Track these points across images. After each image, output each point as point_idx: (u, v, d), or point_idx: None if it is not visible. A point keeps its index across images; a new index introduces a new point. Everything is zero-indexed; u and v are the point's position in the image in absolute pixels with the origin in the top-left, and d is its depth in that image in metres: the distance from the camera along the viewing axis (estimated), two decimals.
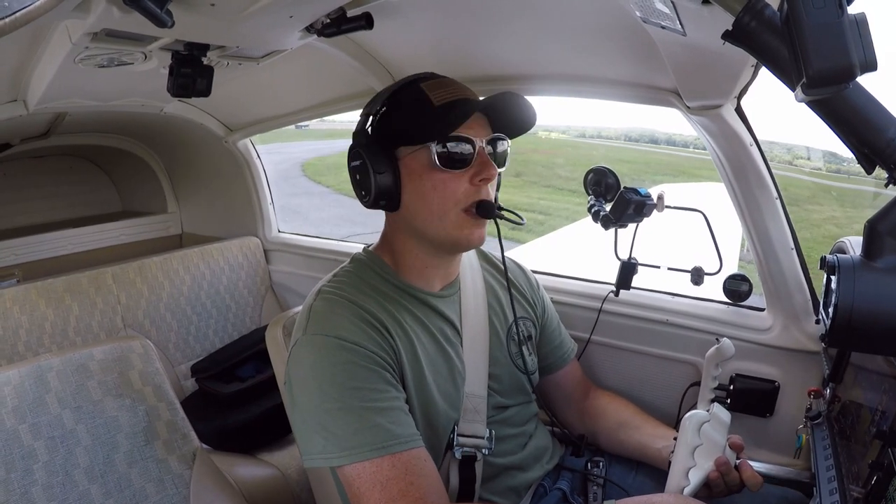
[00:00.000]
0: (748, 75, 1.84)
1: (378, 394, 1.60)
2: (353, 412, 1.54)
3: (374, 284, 1.84)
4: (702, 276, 2.33)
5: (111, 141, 4.40)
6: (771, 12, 1.08)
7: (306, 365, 1.64)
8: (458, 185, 1.73)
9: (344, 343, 1.63)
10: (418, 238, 1.85)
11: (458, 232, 1.77)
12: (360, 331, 1.67)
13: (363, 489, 1.50)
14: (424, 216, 1.78)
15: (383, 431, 1.54)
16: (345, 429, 1.53)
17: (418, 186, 1.76)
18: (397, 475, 1.49)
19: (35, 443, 1.79)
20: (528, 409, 2.08)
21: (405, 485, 1.48)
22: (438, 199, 1.75)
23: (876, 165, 1.16)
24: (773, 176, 2.13)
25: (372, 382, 1.61)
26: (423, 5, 2.18)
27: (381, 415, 1.57)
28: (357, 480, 1.51)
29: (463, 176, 1.74)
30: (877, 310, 1.32)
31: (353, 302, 1.74)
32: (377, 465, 1.50)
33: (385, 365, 1.67)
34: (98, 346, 2.03)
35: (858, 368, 1.70)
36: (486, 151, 1.75)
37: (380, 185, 1.74)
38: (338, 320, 1.68)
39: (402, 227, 1.86)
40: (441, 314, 1.91)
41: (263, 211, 4.27)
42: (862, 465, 1.37)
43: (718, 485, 1.66)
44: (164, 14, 1.49)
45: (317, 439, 1.56)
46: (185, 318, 3.73)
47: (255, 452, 3.21)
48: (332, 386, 1.58)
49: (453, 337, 1.91)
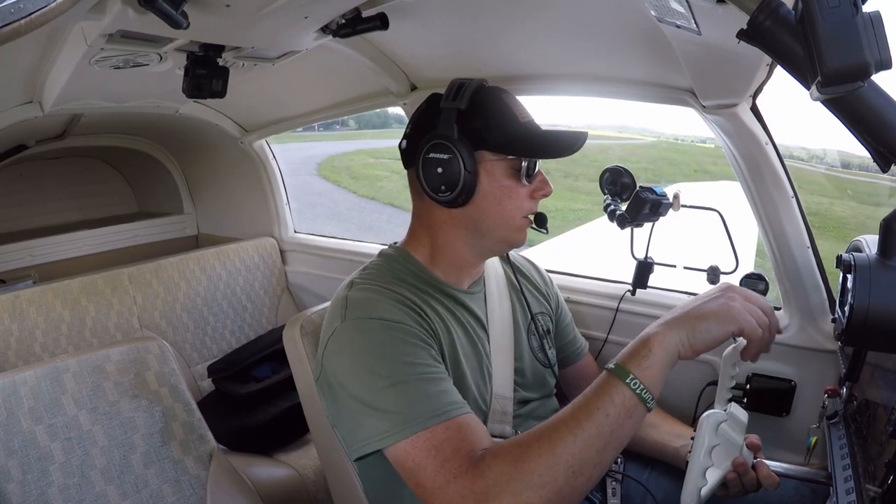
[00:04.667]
0: (763, 74, 1.83)
1: (427, 367, 1.60)
2: (406, 385, 1.54)
3: (405, 277, 1.86)
4: (718, 275, 2.32)
5: (127, 142, 4.43)
6: (786, 11, 1.08)
7: (351, 349, 1.64)
8: (524, 195, 1.82)
9: (389, 322, 1.64)
10: (477, 235, 1.88)
11: (516, 235, 1.85)
12: (401, 312, 1.69)
13: (419, 459, 1.46)
14: (494, 217, 1.83)
15: (437, 399, 1.54)
16: (400, 403, 1.52)
17: (495, 190, 1.81)
18: (450, 436, 1.47)
19: (51, 444, 1.80)
20: (549, 404, 2.09)
21: (458, 442, 1.46)
22: (512, 205, 1.82)
23: (892, 164, 1.15)
24: (789, 174, 2.12)
25: (421, 357, 1.61)
26: (438, 5, 2.18)
27: (433, 384, 1.57)
28: (413, 451, 1.48)
29: (528, 188, 1.82)
30: (893, 308, 1.31)
31: (390, 289, 1.76)
32: (431, 432, 1.47)
33: (430, 343, 1.69)
34: (114, 347, 2.04)
35: (875, 367, 1.69)
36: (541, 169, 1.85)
37: (466, 183, 1.77)
38: (379, 304, 1.70)
39: (460, 222, 1.88)
40: (470, 310, 1.93)
41: (279, 211, 4.28)
42: (878, 465, 1.36)
43: (735, 484, 1.66)
44: (179, 15, 1.50)
45: (370, 423, 1.54)
46: (202, 318, 3.75)
47: (271, 453, 3.22)
48: (381, 364, 1.57)
49: (481, 332, 1.93)
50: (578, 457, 1.33)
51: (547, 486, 1.31)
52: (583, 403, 1.38)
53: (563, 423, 1.37)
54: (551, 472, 1.31)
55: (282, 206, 4.28)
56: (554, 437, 1.35)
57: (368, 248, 3.74)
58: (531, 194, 1.82)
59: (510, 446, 1.41)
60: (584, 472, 1.33)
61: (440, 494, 1.40)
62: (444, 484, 1.40)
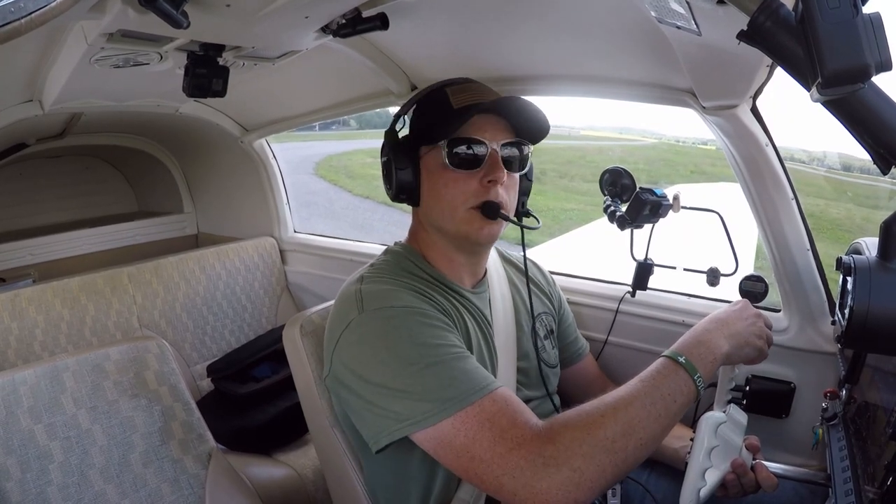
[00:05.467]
0: (763, 75, 1.83)
1: (457, 347, 1.62)
2: (442, 365, 1.55)
3: (414, 272, 1.88)
4: (718, 276, 2.32)
5: (127, 141, 4.43)
6: (786, 12, 1.08)
7: (374, 338, 1.63)
8: (468, 185, 1.79)
9: (412, 308, 1.66)
10: (439, 232, 1.89)
11: (466, 227, 1.82)
12: (421, 300, 1.71)
13: (472, 432, 1.47)
14: (438, 211, 1.85)
15: (476, 375, 1.55)
16: (436, 384, 1.52)
17: (434, 183, 1.83)
18: (500, 408, 1.49)
19: (50, 443, 1.80)
20: (548, 404, 2.08)
21: (511, 413, 1.48)
22: (449, 196, 1.81)
23: (892, 165, 1.15)
24: (790, 176, 2.12)
25: (449, 339, 1.63)
26: (438, 6, 2.18)
27: (467, 361, 1.58)
28: (464, 427, 1.48)
29: (475, 176, 1.79)
30: (893, 311, 1.32)
31: (403, 281, 1.78)
32: (479, 406, 1.49)
33: (451, 326, 1.70)
34: (114, 346, 2.04)
35: (875, 369, 1.69)
36: (499, 154, 1.80)
37: (400, 181, 1.84)
38: (397, 293, 1.71)
39: (424, 221, 1.93)
40: (476, 307, 1.93)
41: (279, 211, 4.28)
42: (878, 467, 1.36)
43: (735, 486, 1.67)
44: (179, 15, 1.50)
45: (401, 406, 1.54)
46: (201, 318, 3.75)
47: (270, 452, 3.22)
48: (411, 348, 1.58)
49: (487, 331, 1.93)
50: (649, 431, 1.42)
51: (618, 452, 1.38)
52: (654, 386, 1.48)
53: (636, 400, 1.44)
54: (623, 441, 1.38)
55: (282, 206, 4.28)
56: (630, 411, 1.42)
57: (369, 248, 3.74)
58: (480, 182, 1.79)
59: (580, 415, 1.45)
60: (648, 446, 1.44)
61: (502, 462, 1.42)
62: (505, 452, 1.42)
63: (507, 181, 1.82)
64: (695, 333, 1.62)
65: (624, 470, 1.41)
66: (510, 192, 1.86)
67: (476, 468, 1.46)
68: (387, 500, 1.91)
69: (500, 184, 1.79)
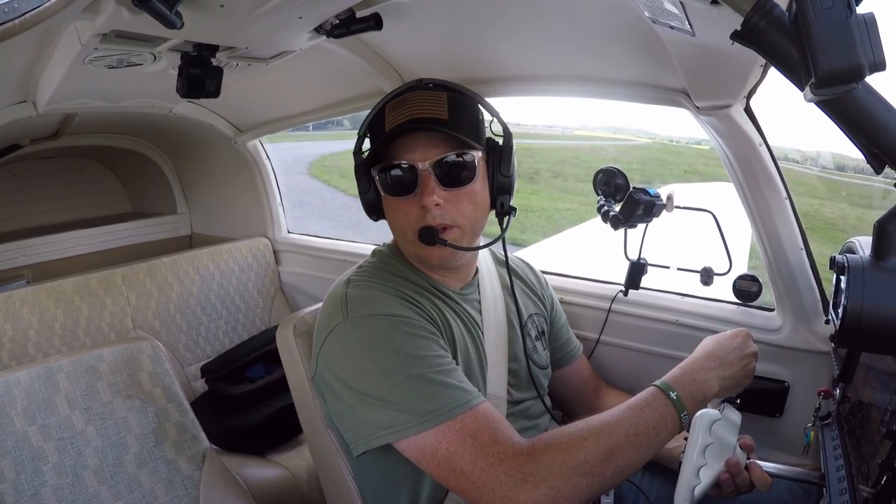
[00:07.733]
0: (757, 75, 1.84)
1: (440, 359, 1.62)
2: (423, 379, 1.55)
3: (401, 275, 1.87)
4: (711, 276, 2.32)
5: (120, 142, 4.42)
6: (780, 12, 1.08)
7: (357, 346, 1.63)
8: (409, 211, 1.78)
9: (396, 318, 1.66)
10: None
11: (418, 250, 1.81)
12: (405, 307, 1.71)
13: (453, 446, 1.48)
14: (395, 234, 1.89)
15: (459, 390, 1.56)
16: (418, 396, 1.53)
17: (385, 208, 1.86)
18: (482, 425, 1.50)
19: (45, 444, 1.80)
20: (540, 404, 2.08)
21: (493, 430, 1.49)
22: (396, 222, 1.84)
23: (885, 165, 1.15)
24: (783, 176, 2.12)
25: (433, 350, 1.63)
26: (432, 6, 2.18)
27: (450, 376, 1.58)
28: (445, 440, 1.50)
29: (412, 200, 1.77)
30: (886, 310, 1.32)
31: (389, 286, 1.77)
32: (461, 422, 1.50)
33: (436, 334, 1.70)
34: (108, 347, 2.04)
35: (868, 368, 1.69)
36: (431, 174, 1.75)
37: (364, 202, 1.88)
38: (382, 300, 1.71)
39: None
40: (464, 310, 1.93)
41: (273, 211, 4.28)
42: (872, 465, 1.36)
43: (729, 485, 1.66)
44: (173, 15, 1.50)
45: (381, 415, 1.54)
46: (195, 318, 3.74)
47: (264, 453, 3.22)
48: (394, 358, 1.58)
49: (476, 333, 1.93)
50: (628, 459, 1.46)
51: (595, 476, 1.42)
52: (641, 417, 1.50)
53: (620, 427, 1.48)
54: (601, 466, 1.42)
55: (275, 207, 4.27)
56: (613, 438, 1.46)
57: (362, 248, 3.73)
58: (419, 206, 1.75)
59: (562, 436, 1.48)
60: (625, 473, 1.48)
61: (483, 475, 1.45)
62: (487, 466, 1.45)
63: (452, 196, 1.76)
64: (691, 369, 1.64)
65: (600, 491, 1.46)
66: (459, 207, 1.79)
67: (457, 479, 1.48)
68: (377, 498, 1.92)
69: (432, 208, 1.73)
